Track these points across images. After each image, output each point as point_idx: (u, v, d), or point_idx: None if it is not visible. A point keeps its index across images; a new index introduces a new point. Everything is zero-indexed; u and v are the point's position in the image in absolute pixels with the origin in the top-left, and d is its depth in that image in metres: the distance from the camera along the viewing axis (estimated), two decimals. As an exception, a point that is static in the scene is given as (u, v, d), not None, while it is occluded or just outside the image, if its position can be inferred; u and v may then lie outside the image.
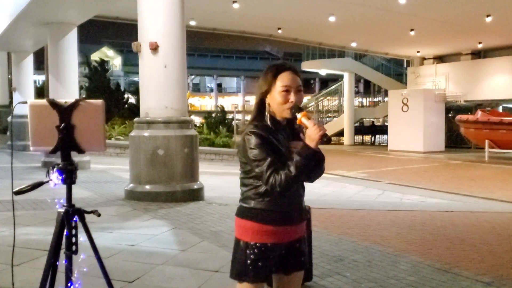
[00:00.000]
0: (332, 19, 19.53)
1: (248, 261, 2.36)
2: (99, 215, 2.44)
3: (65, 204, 2.44)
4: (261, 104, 2.40)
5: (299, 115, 2.28)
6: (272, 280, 2.55)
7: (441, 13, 18.52)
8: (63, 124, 2.31)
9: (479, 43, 24.72)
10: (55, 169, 2.37)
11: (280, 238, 2.38)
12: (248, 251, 2.36)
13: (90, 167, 13.40)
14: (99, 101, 2.39)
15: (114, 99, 26.34)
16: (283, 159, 2.27)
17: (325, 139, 2.20)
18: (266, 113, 2.38)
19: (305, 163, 2.21)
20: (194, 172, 8.93)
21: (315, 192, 10.73)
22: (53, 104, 2.32)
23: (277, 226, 2.37)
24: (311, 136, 2.21)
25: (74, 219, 2.41)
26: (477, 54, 27.11)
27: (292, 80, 2.37)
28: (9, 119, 21.74)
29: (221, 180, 11.85)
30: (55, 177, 2.37)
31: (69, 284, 2.43)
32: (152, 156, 8.63)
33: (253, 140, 2.29)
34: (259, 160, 2.26)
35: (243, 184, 2.42)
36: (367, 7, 17.93)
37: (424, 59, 29.29)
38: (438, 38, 23.60)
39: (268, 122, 2.36)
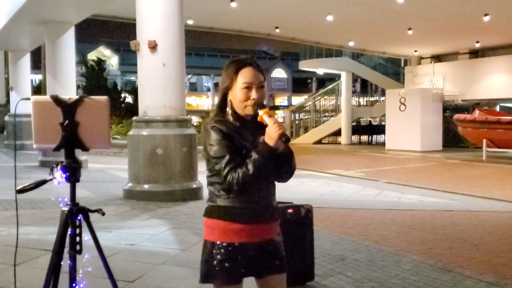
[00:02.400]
0: (329, 18, 19.50)
1: (215, 262, 2.25)
2: (103, 214, 2.40)
3: (69, 203, 2.40)
4: (223, 100, 2.32)
5: (260, 112, 2.21)
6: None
7: (439, 12, 18.52)
8: (67, 121, 2.28)
9: (477, 42, 24.72)
10: (58, 167, 2.33)
11: (248, 237, 2.27)
12: (214, 251, 2.26)
13: (88, 167, 13.34)
14: (104, 98, 2.36)
15: (111, 99, 26.15)
16: (248, 156, 2.21)
17: (283, 138, 2.15)
18: (228, 109, 2.31)
19: (263, 161, 2.16)
20: (193, 171, 8.90)
21: (313, 192, 10.72)
22: (57, 100, 2.29)
23: (244, 224, 2.26)
24: (270, 134, 2.16)
25: (78, 218, 2.38)
26: (475, 54, 27.12)
27: (253, 77, 2.28)
28: (6, 118, 21.66)
29: (220, 179, 11.79)
30: (58, 175, 2.33)
31: (73, 284, 2.39)
32: (151, 155, 8.59)
33: (212, 135, 2.22)
34: (218, 157, 2.20)
35: (209, 183, 2.33)
36: (364, 6, 17.91)
37: (422, 58, 29.29)
38: (436, 37, 23.60)
39: (231, 118, 2.29)
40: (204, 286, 4.33)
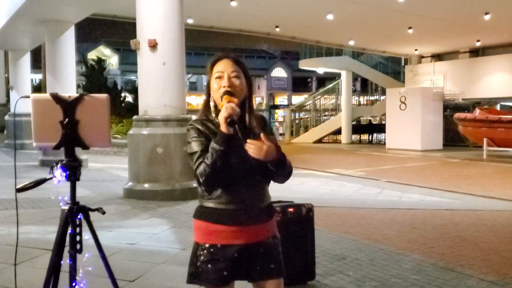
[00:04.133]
0: (330, 17, 19.49)
1: (198, 263, 2.22)
2: (103, 212, 2.38)
3: (69, 202, 2.38)
4: (208, 100, 2.31)
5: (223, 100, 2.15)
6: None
7: (440, 11, 18.50)
8: (67, 119, 2.26)
9: (478, 41, 24.71)
10: (58, 165, 2.31)
11: (230, 239, 2.20)
12: (198, 252, 2.23)
13: (88, 166, 13.33)
14: (104, 96, 2.34)
15: (111, 98, 26.01)
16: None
17: (228, 119, 2.04)
18: (212, 107, 2.28)
19: (217, 149, 2.07)
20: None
21: (314, 191, 10.71)
22: (57, 98, 2.27)
23: (226, 226, 2.20)
24: (220, 119, 2.10)
25: (79, 216, 2.36)
26: (475, 52, 27.11)
27: (225, 66, 2.25)
28: (6, 117, 21.65)
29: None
30: (58, 174, 2.31)
31: (73, 284, 2.37)
32: (151, 154, 8.58)
33: (189, 134, 2.23)
34: (191, 153, 2.19)
35: (197, 183, 2.25)
36: (365, 5, 17.89)
37: (422, 57, 29.28)
38: (436, 36, 23.58)
39: (213, 116, 2.25)
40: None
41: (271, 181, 2.34)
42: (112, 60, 58.71)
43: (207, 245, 2.21)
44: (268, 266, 2.27)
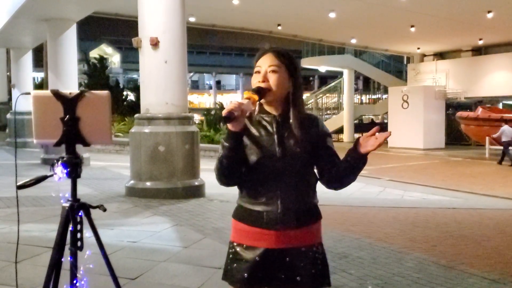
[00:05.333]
0: (332, 15, 19.47)
1: (229, 261, 2.18)
2: (104, 210, 2.37)
3: (70, 199, 2.37)
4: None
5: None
6: None
7: (442, 9, 18.47)
8: (67, 116, 2.25)
9: (480, 39, 24.68)
10: (59, 162, 2.30)
11: (254, 241, 2.10)
12: (229, 250, 2.19)
13: (90, 164, 13.34)
14: (105, 92, 2.33)
15: (113, 96, 26.24)
16: (252, 152, 2.06)
17: (225, 116, 1.90)
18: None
19: (223, 145, 2.00)
20: (195, 168, 8.87)
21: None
22: (58, 95, 2.26)
23: (250, 226, 2.11)
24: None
25: (79, 214, 2.35)
26: (478, 51, 27.07)
27: (265, 60, 2.11)
28: (8, 116, 21.67)
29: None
30: (59, 171, 2.30)
31: (74, 281, 2.36)
32: (153, 152, 8.57)
33: (225, 127, 2.08)
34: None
35: None
36: (367, 3, 17.87)
37: (424, 55, 29.25)
38: (439, 35, 23.55)
39: (256, 111, 2.12)
40: (208, 283, 4.34)
41: (323, 185, 2.20)
42: (114, 58, 58.74)
43: (235, 244, 2.16)
44: (293, 277, 2.09)
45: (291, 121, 2.10)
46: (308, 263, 2.12)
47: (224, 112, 1.91)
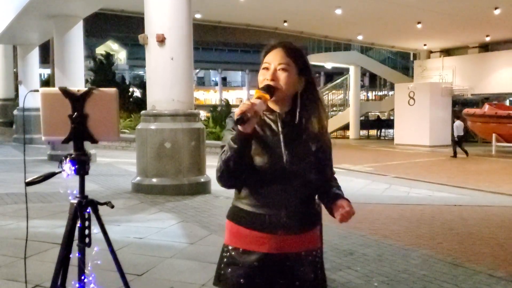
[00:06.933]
0: (338, 11, 19.43)
1: (222, 265, 2.06)
2: (112, 206, 2.39)
3: (78, 196, 2.39)
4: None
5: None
6: None
7: (449, 5, 18.39)
8: (76, 113, 2.27)
9: (487, 36, 24.57)
10: (67, 159, 2.32)
11: (252, 245, 2.00)
12: (223, 254, 2.07)
13: (96, 160, 13.38)
14: (113, 90, 2.34)
15: (119, 93, 26.12)
16: (257, 152, 1.94)
17: (237, 117, 1.81)
18: None
19: (230, 146, 1.88)
20: (201, 165, 8.89)
21: (322, 186, 10.68)
22: (66, 92, 2.28)
23: (249, 230, 2.00)
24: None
25: (87, 210, 2.37)
26: (485, 47, 26.95)
27: (274, 57, 1.99)
28: (15, 112, 21.75)
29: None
30: (67, 168, 2.32)
31: (82, 277, 2.38)
32: (159, 149, 8.59)
33: (226, 124, 2.03)
34: (221, 147, 1.98)
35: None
36: (373, -1, 17.84)
37: (431, 52, 29.14)
38: (445, 31, 23.46)
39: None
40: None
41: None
42: (120, 55, 58.87)
43: (230, 247, 2.05)
44: (293, 282, 2.02)
45: (297, 120, 2.01)
46: (307, 268, 2.05)
47: (236, 114, 1.82)
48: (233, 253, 2.03)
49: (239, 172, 1.93)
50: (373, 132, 34.45)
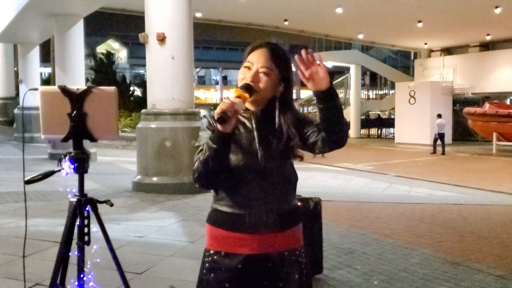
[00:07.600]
0: (339, 10, 19.41)
1: (204, 270, 1.99)
2: (111, 205, 2.39)
3: (77, 194, 2.39)
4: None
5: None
6: None
7: (449, 4, 18.37)
8: (75, 112, 2.27)
9: (488, 35, 24.55)
10: (66, 158, 2.32)
11: (234, 248, 1.93)
12: (205, 259, 2.00)
13: (97, 159, 13.39)
14: (112, 88, 2.34)
15: (120, 92, 26.26)
16: (232, 150, 1.88)
17: (218, 116, 1.76)
18: None
19: (209, 146, 1.82)
20: (202, 164, 8.87)
21: (322, 185, 10.69)
22: (65, 91, 2.28)
23: (229, 232, 1.94)
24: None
25: (87, 209, 2.37)
26: (485, 46, 26.93)
27: (258, 57, 1.93)
28: (15, 111, 21.77)
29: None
30: (67, 166, 2.32)
31: (81, 276, 2.39)
32: (160, 148, 8.60)
33: (202, 124, 1.99)
34: (197, 147, 1.94)
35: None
36: (374, -2, 17.83)
37: (432, 51, 29.13)
38: (446, 30, 23.44)
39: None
40: None
41: (324, 151, 2.01)
42: (121, 53, 58.86)
43: (212, 252, 1.98)
44: (276, 284, 1.96)
45: (277, 125, 1.95)
46: (291, 268, 1.99)
47: (216, 113, 1.76)
48: (215, 257, 1.97)
49: (218, 172, 1.89)
50: (373, 131, 34.42)
